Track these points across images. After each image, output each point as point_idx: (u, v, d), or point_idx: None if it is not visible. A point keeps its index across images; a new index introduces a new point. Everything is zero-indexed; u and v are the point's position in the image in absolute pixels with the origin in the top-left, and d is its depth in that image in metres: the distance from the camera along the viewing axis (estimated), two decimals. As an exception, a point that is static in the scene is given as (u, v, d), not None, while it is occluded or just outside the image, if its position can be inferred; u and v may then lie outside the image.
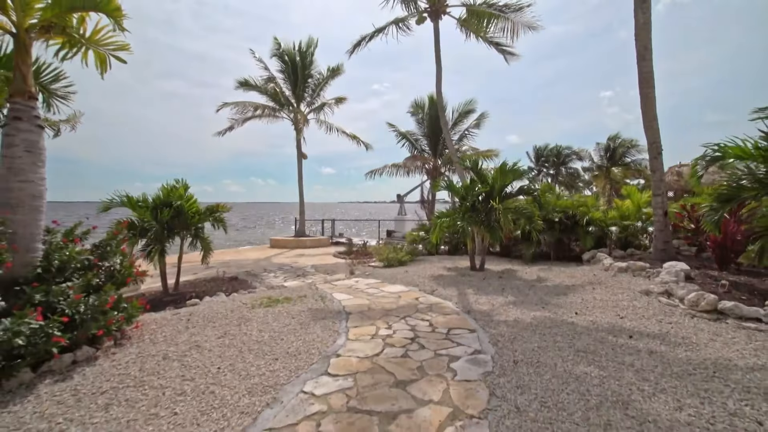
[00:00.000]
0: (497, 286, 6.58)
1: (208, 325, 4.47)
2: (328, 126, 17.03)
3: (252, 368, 3.27)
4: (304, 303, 5.63)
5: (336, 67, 15.92)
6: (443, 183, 8.44)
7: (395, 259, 8.99)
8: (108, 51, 4.46)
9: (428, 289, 6.50)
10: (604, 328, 4.27)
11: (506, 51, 11.97)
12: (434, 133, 15.26)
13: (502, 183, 7.48)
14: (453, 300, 5.74)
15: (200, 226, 7.21)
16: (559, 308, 5.14)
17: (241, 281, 8.61)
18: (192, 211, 7.00)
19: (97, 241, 4.32)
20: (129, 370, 3.22)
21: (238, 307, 5.35)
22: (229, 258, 12.90)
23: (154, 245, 6.34)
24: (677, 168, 24.59)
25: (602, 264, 7.61)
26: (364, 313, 5.00)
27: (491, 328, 4.36)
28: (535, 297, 5.80)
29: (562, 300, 5.55)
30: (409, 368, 3.23)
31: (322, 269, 10.03)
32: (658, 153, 6.87)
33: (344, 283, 7.36)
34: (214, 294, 6.76)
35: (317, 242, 16.03)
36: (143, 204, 6.64)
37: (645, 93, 6.73)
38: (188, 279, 8.62)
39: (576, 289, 6.21)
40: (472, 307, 5.30)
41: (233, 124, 16.39)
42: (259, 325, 4.49)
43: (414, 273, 8.01)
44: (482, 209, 7.56)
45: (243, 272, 9.85)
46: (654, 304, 5.03)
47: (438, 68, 10.91)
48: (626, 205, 8.92)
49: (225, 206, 7.45)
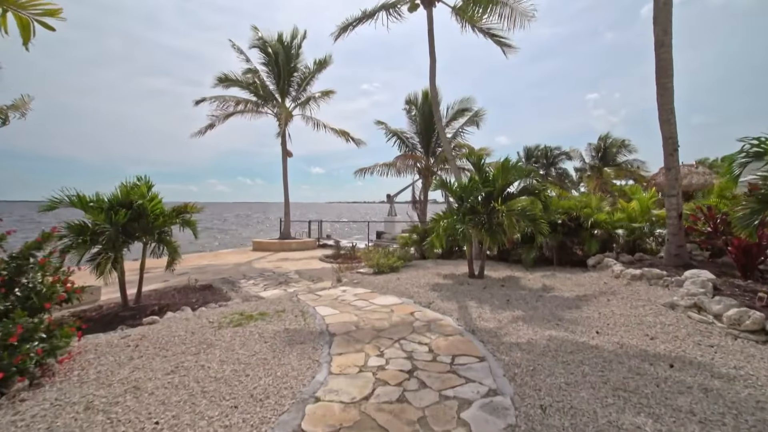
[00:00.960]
0: (501, 297, 5.89)
1: (159, 354, 3.65)
2: (315, 122, 16.18)
3: (201, 423, 2.47)
4: (282, 320, 4.83)
5: (323, 59, 15.09)
6: (439, 181, 7.72)
7: (386, 265, 8.24)
8: (32, 15, 3.60)
9: (424, 301, 5.77)
10: (635, 353, 3.60)
11: (503, 43, 11.32)
12: (427, 131, 14.55)
13: (504, 182, 6.79)
14: (453, 315, 5.02)
15: (166, 230, 6.33)
16: (575, 325, 4.46)
17: (215, 290, 7.76)
18: (155, 213, 6.13)
19: (16, 251, 3.45)
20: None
21: (201, 327, 4.52)
22: (206, 262, 11.96)
23: (105, 253, 5.44)
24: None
25: (611, 270, 7.00)
26: (351, 335, 4.23)
27: (503, 353, 3.64)
28: (545, 310, 5.12)
29: (576, 314, 4.88)
30: (408, 421, 2.48)
31: (306, 275, 9.22)
32: (674, 149, 6.28)
33: (330, 293, 6.58)
34: (179, 308, 5.90)
35: (303, 245, 15.18)
36: (96, 204, 5.75)
37: (663, 84, 6.12)
38: (155, 288, 7.73)
39: (589, 300, 5.56)
40: (477, 325, 4.59)
41: (214, 121, 15.39)
42: (223, 353, 3.68)
43: (407, 281, 7.27)
44: (483, 211, 6.86)
45: (219, 279, 8.98)
46: (684, 320, 4.40)
47: (432, 60, 10.19)
48: (632, 206, 8.35)
49: (194, 206, 6.59)
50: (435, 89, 10.27)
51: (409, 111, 14.81)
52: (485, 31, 11.30)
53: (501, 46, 11.37)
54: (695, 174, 21.60)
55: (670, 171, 6.42)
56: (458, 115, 14.25)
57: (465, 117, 14.24)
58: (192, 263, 12.01)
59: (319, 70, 15.23)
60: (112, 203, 5.85)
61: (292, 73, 15.29)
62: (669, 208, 6.60)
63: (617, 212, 8.40)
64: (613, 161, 26.82)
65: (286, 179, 15.83)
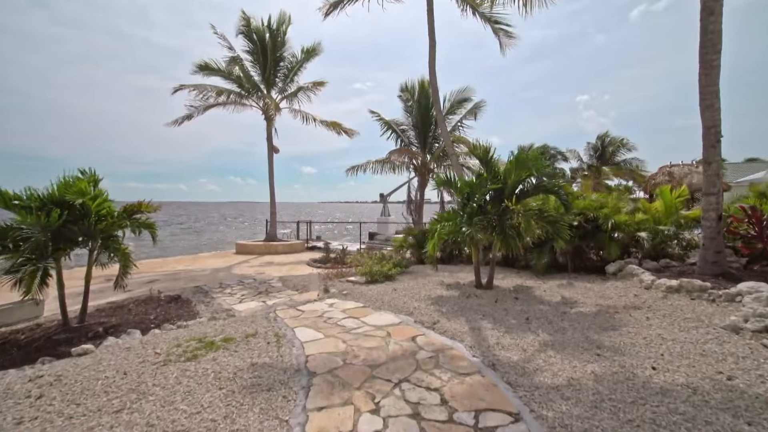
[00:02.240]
0: (518, 314, 4.94)
1: (64, 413, 2.60)
2: (304, 116, 15.08)
3: None
4: (250, 349, 3.81)
5: (312, 47, 14.01)
6: (441, 177, 6.74)
7: (380, 273, 7.25)
8: None
9: (427, 320, 4.79)
10: (718, 403, 2.66)
11: (503, 30, 10.43)
12: (424, 125, 13.54)
13: (517, 178, 5.83)
14: (465, 340, 4.05)
15: (115, 234, 5.25)
16: (620, 356, 3.53)
17: (183, 303, 6.68)
18: (101, 213, 5.05)
19: None
20: None
21: (141, 362, 3.48)
22: (181, 267, 10.83)
23: (32, 263, 4.35)
24: (668, 168, 23.94)
25: (638, 280, 6.11)
26: (336, 374, 3.23)
27: (543, 405, 2.68)
28: (576, 333, 4.18)
29: (616, 340, 3.95)
30: None
31: (291, 283, 8.18)
32: (717, 140, 5.40)
33: (315, 308, 5.57)
34: (130, 328, 4.85)
35: (290, 247, 14.10)
36: (21, 202, 4.66)
37: (708, 61, 5.22)
38: (114, 300, 6.63)
39: (623, 318, 4.64)
40: (497, 356, 3.62)
41: (192, 112, 14.21)
42: (157, 409, 2.65)
43: (405, 292, 6.29)
44: (493, 211, 5.91)
45: (191, 288, 7.89)
46: (760, 351, 3.48)
47: (431, 43, 9.20)
48: (655, 206, 7.49)
49: (150, 205, 5.50)
50: (435, 75, 9.29)
51: (406, 100, 13.76)
52: (486, 17, 10.39)
53: (499, 36, 10.46)
54: (696, 173, 21.06)
55: (710, 165, 5.54)
56: (457, 107, 13.27)
57: (464, 109, 13.25)
58: (166, 268, 10.89)
59: (308, 59, 14.15)
60: (44, 202, 4.76)
61: (279, 62, 14.19)
62: (707, 209, 5.73)
63: (638, 213, 7.53)
64: (612, 160, 26.24)
65: (272, 177, 14.74)
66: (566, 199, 5.84)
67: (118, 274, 5.12)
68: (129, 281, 6.50)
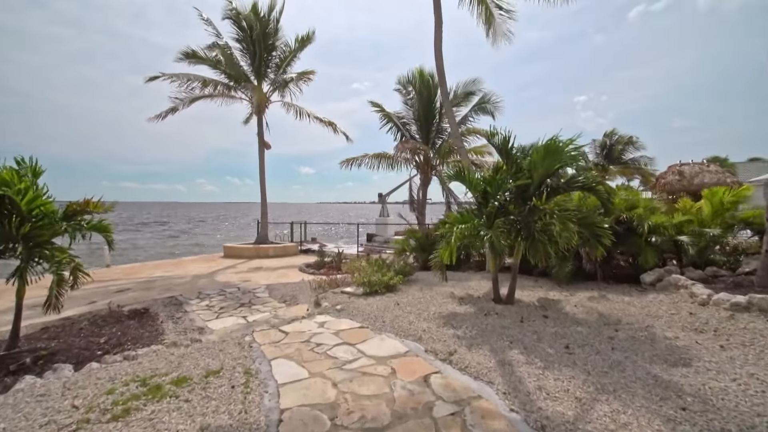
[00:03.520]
0: (553, 340, 3.95)
1: None
2: (298, 110, 14.06)
3: None
4: (206, 398, 2.81)
5: (306, 35, 12.99)
6: (451, 172, 5.74)
7: (380, 283, 6.25)
8: None
9: (441, 348, 3.79)
10: None
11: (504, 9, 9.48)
12: (426, 118, 12.50)
13: (545, 171, 4.82)
14: (496, 382, 3.05)
15: (49, 241, 4.21)
16: (714, 409, 2.55)
17: (148, 319, 5.65)
18: (33, 213, 4.03)
19: None
20: None
21: (45, 424, 2.47)
22: (159, 273, 9.79)
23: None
24: (678, 167, 23.02)
25: (688, 294, 5.14)
26: (320, 446, 2.23)
27: None
28: (637, 369, 3.20)
29: (693, 380, 2.97)
30: None
31: (278, 293, 7.16)
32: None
33: (301, 328, 4.57)
34: (66, 358, 3.84)
35: (282, 250, 13.09)
36: None
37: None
38: (68, 316, 5.62)
39: (688, 346, 3.66)
40: (543, 409, 2.63)
41: (177, 104, 13.16)
42: None
43: (410, 308, 5.30)
44: (516, 212, 4.91)
45: (165, 299, 6.86)
46: None
47: (438, 21, 8.18)
48: (698, 206, 6.52)
49: (99, 204, 4.47)
50: (441, 58, 8.27)
51: (405, 93, 12.71)
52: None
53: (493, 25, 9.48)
54: (707, 173, 20.16)
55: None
56: (463, 101, 12.22)
57: (471, 102, 12.20)
58: (143, 274, 9.86)
59: (301, 49, 13.12)
60: (-45, 198, 3.74)
61: (270, 51, 13.17)
62: (773, 209, 4.76)
63: (677, 215, 6.56)
64: (619, 159, 25.31)
65: (263, 174, 13.70)
66: (607, 197, 4.83)
67: (49, 294, 4.03)
68: (97, 290, 5.47)
